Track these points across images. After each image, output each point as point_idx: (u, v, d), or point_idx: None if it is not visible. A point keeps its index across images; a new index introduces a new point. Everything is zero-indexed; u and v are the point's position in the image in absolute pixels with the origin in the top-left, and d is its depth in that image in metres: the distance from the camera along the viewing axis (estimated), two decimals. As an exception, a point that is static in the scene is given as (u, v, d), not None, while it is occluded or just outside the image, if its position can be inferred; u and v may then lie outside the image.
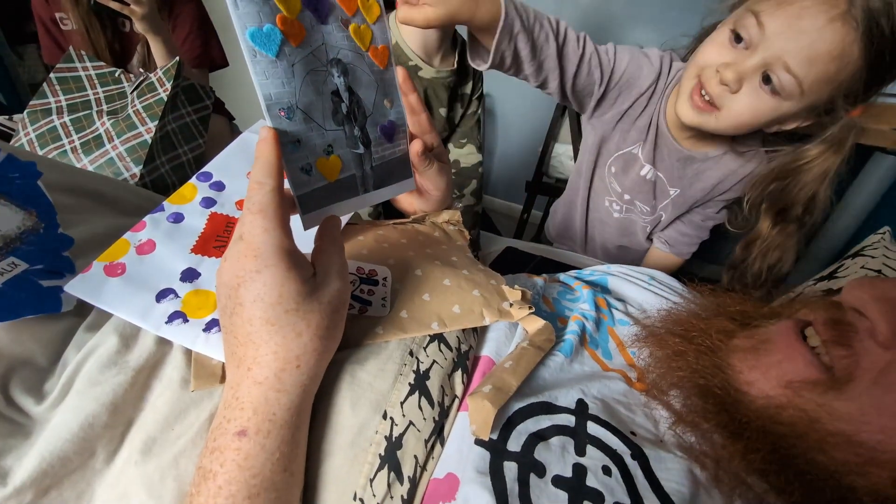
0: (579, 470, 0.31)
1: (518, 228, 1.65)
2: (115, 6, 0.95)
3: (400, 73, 0.42)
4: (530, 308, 0.42)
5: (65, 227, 0.42)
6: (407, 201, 0.56)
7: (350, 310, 0.37)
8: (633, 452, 0.33)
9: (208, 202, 0.46)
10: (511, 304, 0.43)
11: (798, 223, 0.69)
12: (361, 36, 0.38)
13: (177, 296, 0.38)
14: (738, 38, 0.60)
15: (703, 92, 0.63)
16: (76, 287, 0.37)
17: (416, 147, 0.45)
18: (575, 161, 1.08)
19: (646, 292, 0.54)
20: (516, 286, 0.45)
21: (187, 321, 0.37)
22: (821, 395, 0.31)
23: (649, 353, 0.41)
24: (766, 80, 0.58)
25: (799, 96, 0.58)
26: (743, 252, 0.75)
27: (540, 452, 0.32)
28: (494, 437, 0.33)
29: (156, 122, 0.83)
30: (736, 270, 0.75)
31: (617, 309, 0.51)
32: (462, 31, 0.77)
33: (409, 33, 0.84)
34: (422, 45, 0.85)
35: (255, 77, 0.31)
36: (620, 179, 0.88)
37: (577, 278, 0.58)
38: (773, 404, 0.33)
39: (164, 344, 0.37)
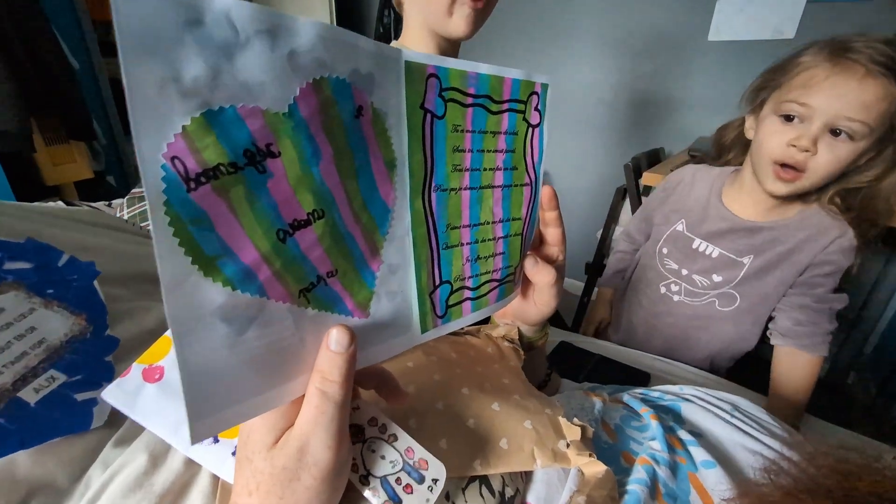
0: None
1: (578, 311, 1.57)
2: None
3: (546, 192, 0.39)
4: (590, 455, 0.36)
5: (113, 324, 0.42)
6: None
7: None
8: None
9: None
10: (568, 445, 0.37)
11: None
12: None
13: None
14: (788, 118, 0.71)
15: (784, 166, 0.73)
16: (112, 394, 0.35)
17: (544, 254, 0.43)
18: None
19: (728, 427, 0.47)
20: (575, 419, 0.39)
21: (217, 441, 0.34)
22: None
23: None
24: (835, 132, 0.68)
25: (870, 133, 0.67)
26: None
27: None
28: None
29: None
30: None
31: (695, 445, 0.44)
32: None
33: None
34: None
35: None
36: (675, 255, 0.94)
37: (643, 401, 0.52)
38: None
39: (192, 464, 0.35)
